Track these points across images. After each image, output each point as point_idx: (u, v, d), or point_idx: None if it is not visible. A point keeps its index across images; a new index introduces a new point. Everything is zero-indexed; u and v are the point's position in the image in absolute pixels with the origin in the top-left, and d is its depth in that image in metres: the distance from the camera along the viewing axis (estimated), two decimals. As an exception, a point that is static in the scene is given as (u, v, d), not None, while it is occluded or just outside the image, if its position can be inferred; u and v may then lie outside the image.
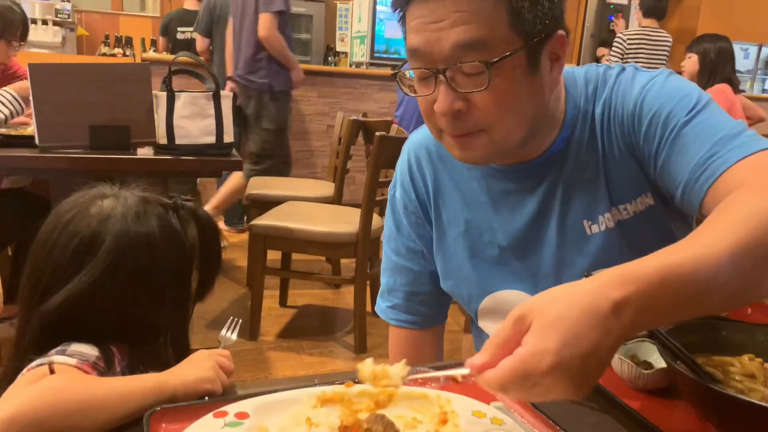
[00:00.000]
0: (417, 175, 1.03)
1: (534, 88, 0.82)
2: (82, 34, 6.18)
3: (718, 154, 0.77)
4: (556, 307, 0.56)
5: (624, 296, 0.55)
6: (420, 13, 0.78)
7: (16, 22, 2.31)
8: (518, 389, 0.55)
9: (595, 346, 0.54)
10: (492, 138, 0.82)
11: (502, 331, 0.58)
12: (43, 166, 2.00)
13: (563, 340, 0.54)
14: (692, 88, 0.85)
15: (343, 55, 6.29)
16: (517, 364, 0.55)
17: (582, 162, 0.90)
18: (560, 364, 0.54)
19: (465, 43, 0.76)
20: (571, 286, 0.58)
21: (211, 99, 2.16)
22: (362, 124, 3.34)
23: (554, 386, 0.54)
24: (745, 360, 0.73)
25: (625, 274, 0.57)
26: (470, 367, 0.58)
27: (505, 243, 0.96)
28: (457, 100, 0.79)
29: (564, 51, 0.83)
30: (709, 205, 0.76)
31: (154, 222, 0.84)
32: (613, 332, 0.55)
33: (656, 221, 0.90)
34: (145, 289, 0.83)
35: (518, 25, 0.77)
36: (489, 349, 0.58)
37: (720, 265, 0.58)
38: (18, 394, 0.65)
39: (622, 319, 0.55)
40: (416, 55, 0.80)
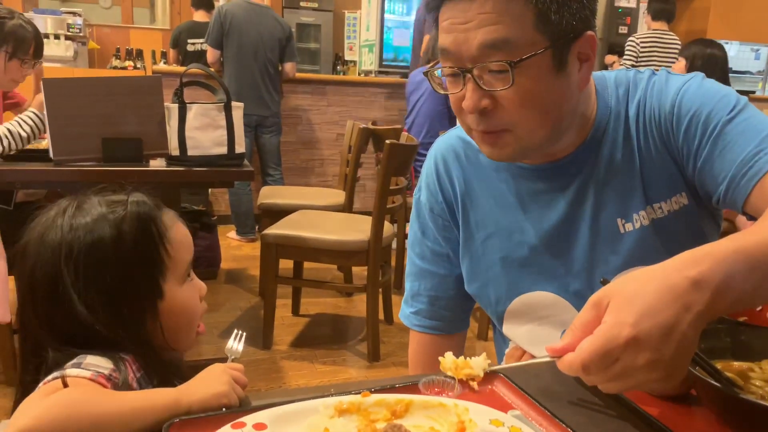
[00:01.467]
0: (444, 177, 1.04)
1: (560, 88, 0.83)
2: (93, 47, 6.25)
3: (765, 151, 0.78)
4: (633, 286, 0.58)
5: (700, 272, 0.57)
6: (450, 14, 0.81)
7: (28, 39, 2.29)
8: (600, 367, 0.56)
9: (673, 320, 0.55)
10: (517, 136, 0.84)
11: (580, 315, 0.59)
12: (56, 179, 2.02)
13: (640, 312, 0.55)
14: (729, 90, 0.87)
15: (351, 63, 6.31)
16: (596, 340, 0.56)
17: (616, 161, 0.91)
18: (639, 336, 0.55)
19: (491, 42, 0.78)
20: (646, 269, 0.60)
21: (223, 110, 2.18)
22: (372, 132, 3.35)
23: (637, 364, 0.55)
24: (765, 365, 0.73)
25: (698, 253, 0.59)
26: (550, 352, 0.60)
27: (535, 242, 0.96)
28: (483, 98, 0.81)
29: (594, 51, 0.84)
30: (756, 201, 0.78)
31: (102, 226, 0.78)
32: (693, 308, 0.56)
33: (689, 221, 0.90)
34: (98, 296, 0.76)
35: (544, 26, 0.78)
36: (569, 333, 0.59)
37: None
38: (30, 408, 0.65)
39: (701, 295, 0.56)
40: (446, 54, 0.83)
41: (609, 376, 0.57)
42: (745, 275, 0.59)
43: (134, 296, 0.78)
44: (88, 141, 2.01)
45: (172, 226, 0.83)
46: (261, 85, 4.04)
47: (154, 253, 0.79)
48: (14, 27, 2.25)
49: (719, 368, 0.70)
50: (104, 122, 2.02)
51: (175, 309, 0.81)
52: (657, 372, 0.56)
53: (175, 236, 0.82)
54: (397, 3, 5.15)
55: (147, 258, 0.79)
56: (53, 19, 5.22)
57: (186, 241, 0.85)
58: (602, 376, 0.57)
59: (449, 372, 0.67)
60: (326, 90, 4.79)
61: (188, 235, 0.86)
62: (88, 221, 0.78)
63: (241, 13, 3.96)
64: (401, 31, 5.18)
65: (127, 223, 0.78)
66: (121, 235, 0.78)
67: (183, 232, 0.85)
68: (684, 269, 0.58)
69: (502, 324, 1.04)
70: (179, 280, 0.82)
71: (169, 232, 0.82)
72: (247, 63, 3.99)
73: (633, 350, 0.55)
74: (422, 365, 1.10)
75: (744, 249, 0.60)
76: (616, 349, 0.55)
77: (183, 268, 0.83)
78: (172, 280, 0.81)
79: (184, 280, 0.83)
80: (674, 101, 0.87)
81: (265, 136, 4.19)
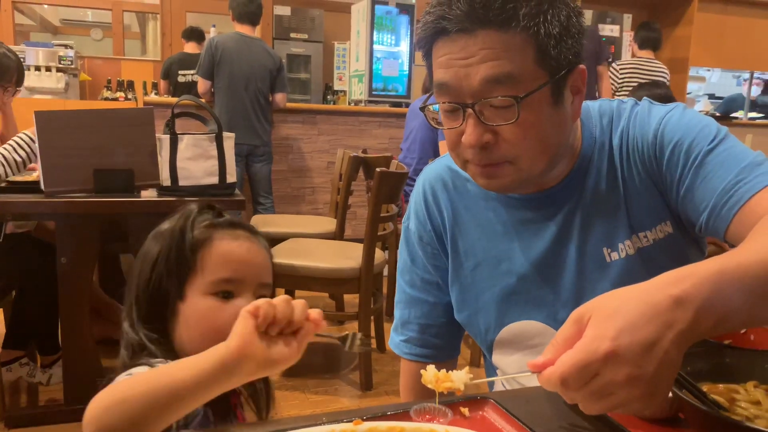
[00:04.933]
0: (433, 205, 1.04)
1: (558, 120, 0.85)
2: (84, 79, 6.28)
3: (745, 180, 0.80)
4: (614, 302, 0.58)
5: (683, 290, 0.57)
6: (448, 50, 0.81)
7: (11, 68, 2.35)
8: (578, 382, 0.56)
9: (655, 336, 0.55)
10: (518, 168, 0.85)
11: (562, 330, 0.59)
12: (47, 210, 2.02)
13: (620, 328, 0.55)
14: (710, 120, 0.89)
15: (341, 93, 6.38)
16: (575, 353, 0.55)
17: (601, 191, 0.93)
18: (618, 350, 0.54)
19: (494, 78, 0.79)
20: (629, 287, 0.60)
21: (214, 140, 2.20)
22: (362, 160, 3.38)
23: (617, 379, 0.54)
24: (750, 387, 0.73)
25: (682, 272, 0.60)
26: (531, 367, 0.59)
27: (523, 271, 0.97)
28: (485, 133, 0.82)
29: (584, 83, 0.87)
30: (736, 229, 0.79)
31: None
32: (675, 326, 0.56)
33: (674, 249, 0.92)
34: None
35: (544, 61, 0.80)
36: (550, 348, 0.59)
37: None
38: (113, 388, 0.69)
39: (683, 314, 0.56)
40: (444, 89, 0.84)
41: (588, 392, 0.56)
42: (729, 295, 0.59)
43: (159, 289, 0.85)
44: (80, 172, 2.02)
45: (217, 240, 0.87)
46: (252, 115, 4.08)
47: (181, 255, 0.85)
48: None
49: (705, 391, 0.71)
50: (96, 153, 2.03)
51: (192, 315, 0.84)
52: (638, 389, 0.55)
53: (214, 249, 0.86)
54: (385, 34, 5.23)
55: (175, 258, 0.85)
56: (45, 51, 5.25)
57: (225, 259, 0.86)
58: (582, 392, 0.56)
59: (430, 385, 0.67)
60: (317, 119, 4.84)
61: (236, 256, 0.87)
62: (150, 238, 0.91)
63: (232, 45, 4.01)
64: (390, 62, 5.25)
65: (170, 225, 0.89)
66: (161, 233, 0.88)
67: (230, 250, 0.86)
68: (667, 287, 0.58)
69: (492, 353, 1.04)
70: (204, 290, 0.84)
71: (208, 243, 0.86)
72: (238, 93, 4.02)
73: (612, 365, 0.54)
74: (414, 393, 1.10)
75: (728, 270, 0.61)
76: (595, 362, 0.54)
77: (210, 280, 0.84)
78: (197, 287, 0.84)
79: (210, 292, 0.84)
80: (657, 131, 0.89)
81: (256, 165, 4.21)
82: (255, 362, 0.65)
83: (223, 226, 0.88)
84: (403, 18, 5.27)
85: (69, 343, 2.12)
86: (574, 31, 0.82)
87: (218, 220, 0.89)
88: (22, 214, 2.16)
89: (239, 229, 0.89)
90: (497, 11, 0.78)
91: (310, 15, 7.10)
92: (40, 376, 2.38)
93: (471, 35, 0.79)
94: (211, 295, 0.84)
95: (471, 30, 0.79)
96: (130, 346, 0.86)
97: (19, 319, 2.38)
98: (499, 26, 0.78)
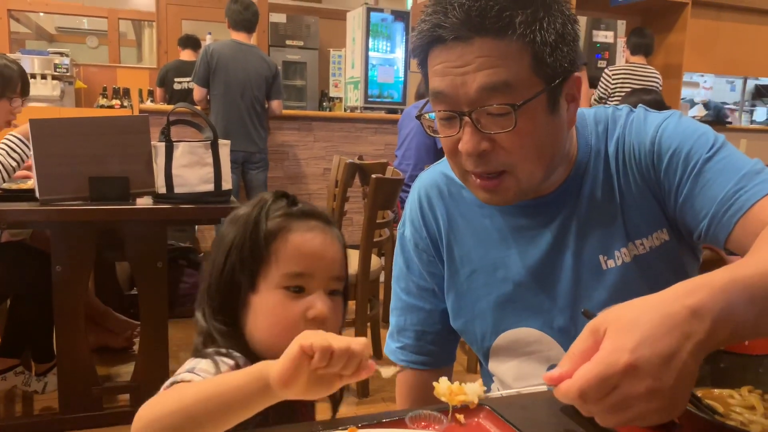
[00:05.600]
0: (428, 212, 1.04)
1: (554, 128, 0.85)
2: (80, 86, 6.29)
3: (745, 189, 0.80)
4: (632, 313, 0.57)
5: (699, 301, 0.57)
6: (444, 58, 0.81)
7: (14, 79, 2.35)
8: (597, 395, 0.55)
9: (673, 349, 0.54)
10: (517, 178, 0.85)
11: (578, 342, 0.58)
12: (42, 219, 2.02)
13: (639, 340, 0.54)
14: (707, 128, 0.89)
15: (337, 100, 6.39)
16: (594, 366, 0.55)
17: (597, 198, 0.93)
18: (638, 362, 0.54)
19: (491, 86, 0.79)
20: (644, 298, 0.59)
21: (209, 148, 2.20)
22: (358, 166, 3.38)
23: (637, 392, 0.54)
24: (745, 392, 0.74)
25: (696, 283, 0.59)
26: (547, 380, 0.58)
27: (519, 278, 0.97)
28: (482, 141, 0.82)
29: (580, 91, 0.87)
30: (738, 237, 0.79)
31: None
32: (693, 337, 0.55)
33: (670, 256, 0.91)
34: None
35: (540, 69, 0.80)
36: (566, 361, 0.58)
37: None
38: (149, 404, 0.69)
39: (700, 325, 0.56)
40: (441, 97, 0.83)
41: (607, 406, 0.55)
42: (743, 305, 0.58)
43: (232, 279, 0.84)
44: (75, 180, 2.01)
45: (290, 232, 0.84)
46: (248, 122, 4.08)
47: (255, 246, 0.83)
48: (0, 67, 2.30)
49: (700, 396, 0.71)
50: (91, 161, 2.03)
51: (262, 308, 0.83)
52: (657, 401, 0.54)
53: (287, 242, 0.83)
54: (380, 41, 5.25)
55: (249, 248, 0.83)
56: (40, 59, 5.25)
57: (297, 253, 0.83)
58: (600, 405, 0.56)
59: (443, 398, 0.66)
60: (312, 126, 4.84)
61: (308, 249, 0.83)
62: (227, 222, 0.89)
63: (228, 52, 4.02)
64: (385, 69, 5.27)
65: (246, 212, 0.86)
66: (238, 218, 0.86)
67: (302, 243, 0.83)
68: (682, 298, 0.57)
69: (488, 360, 1.04)
70: (275, 283, 0.82)
71: (281, 234, 0.83)
72: (234, 101, 4.03)
73: (632, 377, 0.54)
74: (410, 400, 1.10)
75: (741, 279, 0.60)
76: (615, 375, 0.54)
77: (281, 273, 0.82)
78: (269, 279, 0.82)
79: (282, 285, 0.82)
80: (654, 139, 0.89)
81: (252, 172, 4.21)
82: (293, 393, 0.63)
83: (297, 216, 0.85)
84: (398, 25, 5.29)
85: (64, 351, 2.11)
86: (569, 38, 0.83)
87: (292, 210, 0.86)
88: (17, 223, 2.16)
89: (313, 220, 0.86)
90: (493, 19, 0.77)
91: (306, 22, 7.14)
92: (35, 384, 2.37)
93: (467, 43, 0.79)
94: (282, 288, 0.82)
95: (467, 38, 0.79)
96: (201, 333, 0.86)
97: (14, 327, 2.37)
98: (495, 34, 0.78)
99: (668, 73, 5.81)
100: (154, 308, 2.19)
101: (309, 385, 0.62)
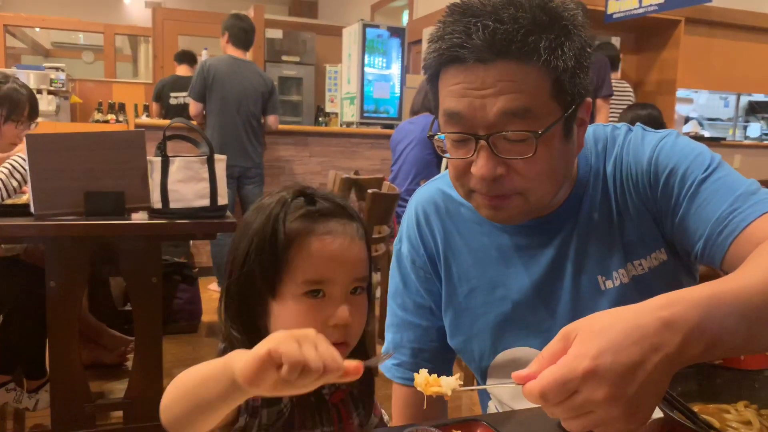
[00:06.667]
0: (426, 229, 1.03)
1: (567, 153, 0.85)
2: (75, 101, 6.30)
3: (740, 210, 0.80)
4: (604, 321, 0.58)
5: (673, 314, 0.57)
6: (463, 78, 0.80)
7: (22, 102, 2.35)
8: (557, 397, 0.56)
9: (638, 359, 0.55)
10: (527, 200, 0.85)
11: (549, 345, 0.59)
12: (37, 233, 2.01)
13: (604, 347, 0.55)
14: (703, 148, 0.89)
15: (333, 115, 6.43)
16: (556, 369, 0.56)
17: (595, 219, 0.92)
18: (597, 370, 0.54)
19: (512, 111, 0.78)
20: (621, 308, 0.60)
21: (205, 163, 2.20)
22: (354, 181, 3.39)
23: (596, 399, 0.54)
24: (741, 407, 0.74)
25: (674, 296, 0.59)
26: (515, 378, 0.59)
27: (518, 298, 0.96)
28: (498, 166, 0.81)
29: (588, 115, 0.87)
30: (733, 258, 0.78)
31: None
32: (662, 349, 0.56)
33: (668, 276, 0.91)
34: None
35: (559, 95, 0.80)
36: (535, 362, 0.59)
37: (765, 295, 0.61)
38: None
39: (672, 337, 0.56)
40: (456, 118, 0.82)
41: (569, 409, 0.56)
42: (720, 320, 0.58)
43: (252, 284, 0.80)
44: (70, 195, 2.01)
45: (308, 237, 0.79)
46: (244, 138, 4.09)
47: (273, 252, 0.78)
48: (9, 91, 2.31)
49: (696, 411, 0.71)
50: (86, 176, 2.03)
51: (285, 316, 0.79)
52: (617, 409, 0.55)
53: (305, 247, 0.78)
54: (376, 57, 5.28)
55: (267, 254, 0.79)
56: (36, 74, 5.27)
57: (316, 259, 0.78)
58: (562, 409, 0.56)
59: (419, 388, 0.67)
60: (308, 141, 4.86)
61: (327, 254, 0.79)
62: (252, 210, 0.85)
63: (224, 68, 4.04)
64: (381, 84, 5.30)
65: (262, 216, 0.81)
66: (250, 224, 0.82)
67: (321, 248, 0.79)
68: (657, 310, 0.58)
69: (486, 379, 1.03)
70: (295, 290, 0.78)
71: (299, 239, 0.78)
72: (230, 116, 4.04)
73: (591, 383, 0.54)
74: (406, 417, 1.09)
75: (720, 294, 0.60)
76: (574, 380, 0.54)
77: (301, 280, 0.78)
78: (289, 286, 0.78)
79: (302, 292, 0.78)
80: (651, 159, 0.89)
81: (248, 187, 4.21)
82: (260, 392, 0.59)
83: (316, 218, 0.80)
84: (394, 41, 5.32)
85: (57, 368, 2.09)
86: (585, 64, 0.82)
87: (311, 209, 0.81)
88: (11, 238, 2.15)
89: (333, 220, 0.81)
90: (519, 44, 0.76)
91: (302, 38, 7.19)
92: (27, 401, 2.34)
93: (488, 66, 0.77)
94: (302, 295, 0.78)
95: (489, 60, 0.77)
96: (224, 339, 0.84)
97: (6, 343, 2.35)
98: (519, 58, 0.77)
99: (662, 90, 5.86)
100: (149, 324, 2.17)
101: (278, 387, 0.57)
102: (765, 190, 0.83)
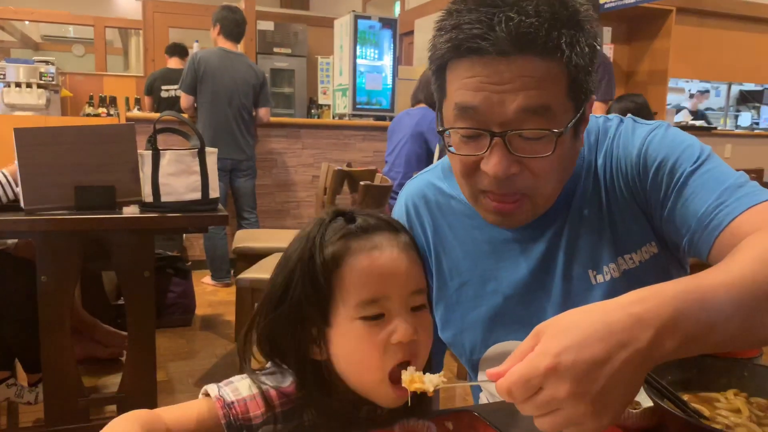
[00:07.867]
0: (416, 223, 1.02)
1: (575, 151, 0.85)
2: (66, 95, 6.24)
3: (726, 203, 0.78)
4: (571, 318, 0.57)
5: (644, 310, 0.56)
6: (480, 71, 0.76)
7: None
8: (523, 394, 0.56)
9: (603, 356, 0.54)
10: (534, 203, 0.84)
11: (522, 344, 0.59)
12: (27, 228, 2.00)
13: (567, 344, 0.55)
14: (693, 140, 0.88)
15: (325, 107, 6.40)
16: (520, 366, 0.56)
17: (585, 213, 0.91)
18: (558, 367, 0.54)
19: (532, 108, 0.76)
20: (592, 305, 0.59)
21: (196, 156, 2.19)
22: (347, 173, 3.38)
23: (560, 396, 0.54)
24: (731, 395, 0.74)
25: (646, 291, 0.59)
26: (488, 375, 0.60)
27: (510, 291, 0.95)
28: (512, 164, 0.79)
29: (590, 112, 0.86)
30: (718, 253, 0.77)
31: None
32: (631, 345, 0.55)
33: (659, 270, 0.90)
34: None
35: (574, 93, 0.78)
36: (509, 359, 0.59)
37: (741, 291, 0.60)
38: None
39: (643, 333, 0.55)
40: (470, 113, 0.78)
41: (535, 407, 0.56)
42: (694, 316, 0.57)
43: (297, 315, 0.75)
44: (61, 189, 2.00)
45: (351, 257, 0.73)
46: (235, 130, 4.07)
47: (314, 281, 0.73)
48: None
49: (686, 400, 0.71)
50: (77, 170, 2.01)
51: (343, 343, 0.73)
52: (583, 406, 0.54)
53: (349, 269, 0.73)
54: (368, 48, 5.26)
55: (310, 283, 0.73)
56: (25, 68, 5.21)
57: (364, 279, 0.72)
58: (530, 406, 0.56)
59: (404, 384, 0.67)
60: (301, 133, 4.84)
61: (375, 271, 0.73)
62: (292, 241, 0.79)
63: (215, 60, 4.02)
64: (373, 76, 5.29)
65: (301, 243, 0.76)
66: (290, 254, 0.76)
67: (367, 266, 0.73)
68: (628, 306, 0.57)
69: (477, 373, 1.03)
70: (348, 314, 0.72)
71: (341, 263, 0.73)
72: (222, 108, 4.02)
73: (554, 380, 0.54)
74: None
75: (695, 289, 0.59)
76: (537, 377, 0.54)
77: (352, 304, 0.72)
78: (342, 312, 0.73)
79: (357, 316, 0.72)
80: (640, 151, 0.87)
81: (240, 180, 4.20)
82: None
83: (357, 235, 0.74)
84: (385, 32, 5.31)
85: (50, 363, 2.09)
86: (595, 60, 0.80)
87: (350, 228, 0.75)
88: (0, 233, 2.13)
89: (376, 234, 0.75)
90: (543, 39, 0.74)
91: (294, 30, 7.15)
92: (28, 395, 2.34)
93: (508, 60, 0.75)
94: (359, 319, 0.72)
95: (511, 54, 0.74)
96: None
97: (2, 339, 2.34)
98: (541, 54, 0.75)
99: (654, 80, 5.88)
100: (142, 318, 2.17)
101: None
102: (753, 182, 0.82)
